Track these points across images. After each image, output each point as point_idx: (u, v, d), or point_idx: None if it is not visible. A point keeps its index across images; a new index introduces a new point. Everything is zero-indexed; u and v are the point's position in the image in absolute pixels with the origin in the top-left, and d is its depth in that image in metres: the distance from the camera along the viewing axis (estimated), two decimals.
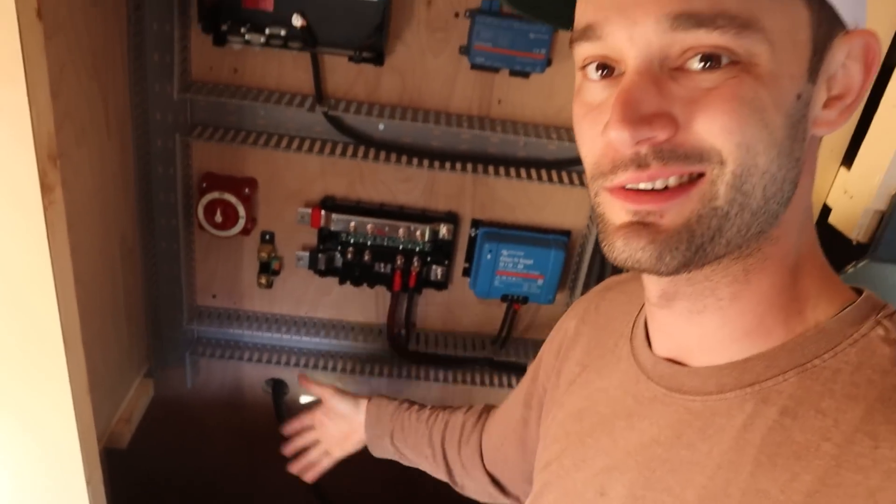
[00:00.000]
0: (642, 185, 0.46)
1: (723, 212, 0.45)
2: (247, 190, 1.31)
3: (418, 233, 1.36)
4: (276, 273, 1.43)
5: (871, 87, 0.46)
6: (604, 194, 0.49)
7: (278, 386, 1.56)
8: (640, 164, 0.45)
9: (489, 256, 1.37)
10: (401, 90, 1.28)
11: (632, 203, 0.47)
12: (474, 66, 1.24)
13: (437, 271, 1.42)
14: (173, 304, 1.41)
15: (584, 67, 0.50)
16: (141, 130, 1.23)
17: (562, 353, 0.74)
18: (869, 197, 0.85)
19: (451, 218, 1.39)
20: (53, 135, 0.80)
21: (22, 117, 0.75)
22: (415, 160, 1.28)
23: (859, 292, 0.51)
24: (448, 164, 1.29)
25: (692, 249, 0.45)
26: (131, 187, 1.24)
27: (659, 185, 0.46)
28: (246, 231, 1.33)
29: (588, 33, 0.47)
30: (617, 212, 0.48)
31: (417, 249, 1.39)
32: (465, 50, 1.22)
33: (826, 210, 0.94)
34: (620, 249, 0.47)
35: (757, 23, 0.42)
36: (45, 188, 0.80)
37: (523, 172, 1.29)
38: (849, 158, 0.91)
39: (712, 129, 0.44)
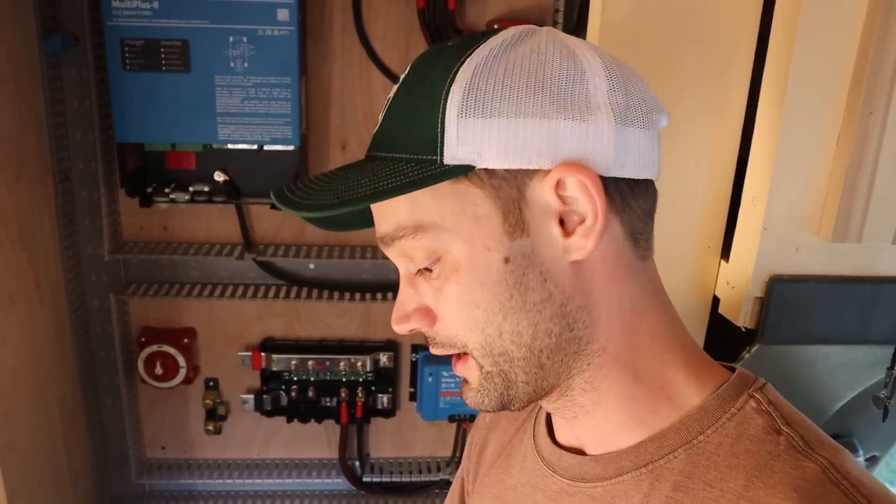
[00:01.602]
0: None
1: (496, 371, 0.52)
2: (185, 340, 1.34)
3: (359, 364, 1.39)
4: (224, 418, 1.44)
5: (602, 203, 0.48)
6: None
7: None
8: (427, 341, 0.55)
9: (430, 379, 1.40)
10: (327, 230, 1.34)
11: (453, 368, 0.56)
12: None
13: (383, 399, 1.43)
14: (121, 460, 1.40)
15: None
16: (76, 293, 1.27)
17: (473, 459, 0.76)
18: (747, 285, 0.90)
19: (391, 346, 1.42)
20: None
21: None
22: (347, 295, 1.33)
23: (734, 371, 0.55)
24: (380, 295, 1.33)
25: (498, 396, 0.53)
26: (69, 349, 1.26)
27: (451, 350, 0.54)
28: (188, 380, 1.35)
29: None
30: None
31: (361, 380, 1.41)
32: None
33: (716, 301, 0.99)
34: (466, 398, 0.56)
35: (425, 220, 0.50)
36: None
37: None
38: (726, 251, 0.96)
39: (449, 326, 0.52)
